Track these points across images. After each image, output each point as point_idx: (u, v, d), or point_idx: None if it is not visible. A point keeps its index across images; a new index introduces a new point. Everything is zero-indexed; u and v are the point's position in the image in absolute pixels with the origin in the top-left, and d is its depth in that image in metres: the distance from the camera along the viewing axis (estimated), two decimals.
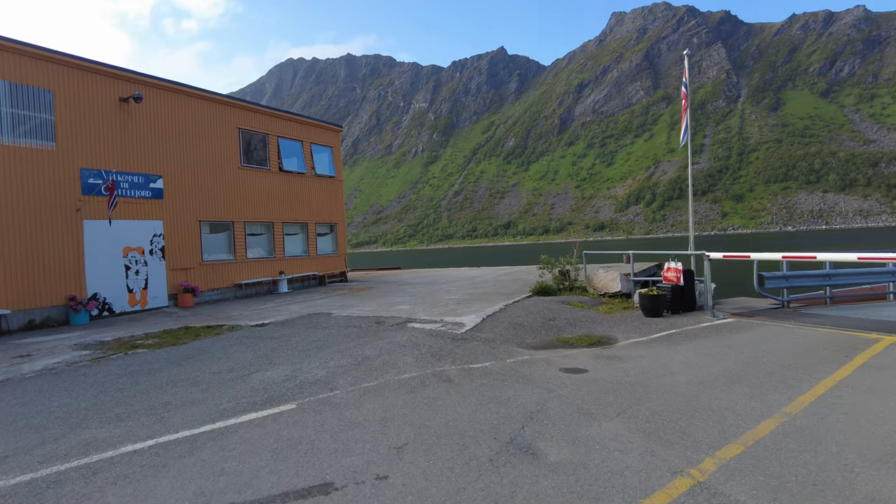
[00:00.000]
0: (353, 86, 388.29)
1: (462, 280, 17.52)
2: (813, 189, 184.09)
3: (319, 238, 19.49)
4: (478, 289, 14.23)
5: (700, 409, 4.75)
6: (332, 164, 20.10)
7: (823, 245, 66.26)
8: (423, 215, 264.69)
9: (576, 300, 11.31)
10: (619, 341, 7.99)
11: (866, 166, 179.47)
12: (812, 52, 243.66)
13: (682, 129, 10.04)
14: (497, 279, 16.85)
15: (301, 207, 18.59)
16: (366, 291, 15.80)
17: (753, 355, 6.61)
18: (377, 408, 5.01)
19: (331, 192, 19.99)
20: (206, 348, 8.32)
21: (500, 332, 8.55)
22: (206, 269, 15.57)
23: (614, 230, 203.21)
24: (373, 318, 10.13)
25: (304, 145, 18.91)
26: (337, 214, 20.26)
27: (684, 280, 9.82)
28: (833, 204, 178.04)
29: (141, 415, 5.18)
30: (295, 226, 18.60)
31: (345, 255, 20.50)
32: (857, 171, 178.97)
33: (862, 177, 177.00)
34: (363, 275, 24.19)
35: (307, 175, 18.94)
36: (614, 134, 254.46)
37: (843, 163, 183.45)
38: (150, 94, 14.18)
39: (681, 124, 10.21)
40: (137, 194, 13.92)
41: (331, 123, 20.23)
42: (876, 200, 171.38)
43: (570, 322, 9.36)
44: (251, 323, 10.53)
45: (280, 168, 17.90)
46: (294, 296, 15.87)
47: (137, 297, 13.80)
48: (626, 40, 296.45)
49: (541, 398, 5.17)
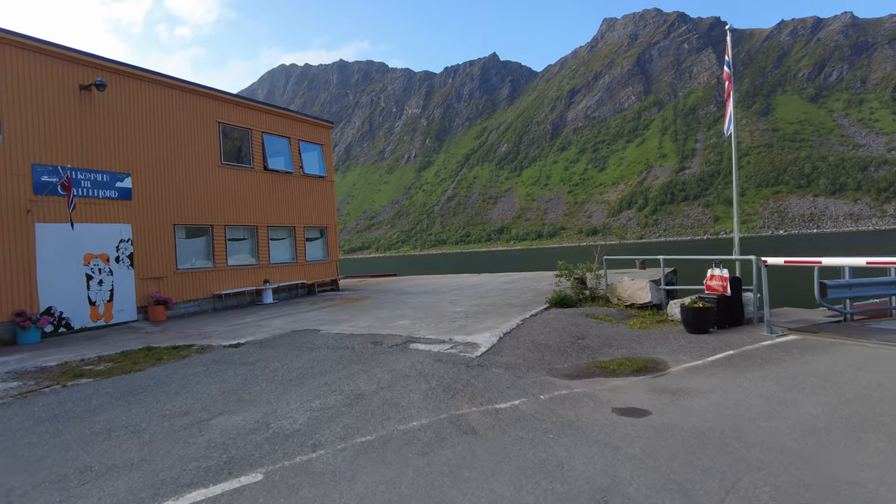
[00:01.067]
0: (346, 91, 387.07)
1: (465, 289, 16.05)
2: (804, 193, 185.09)
3: (308, 243, 17.94)
4: (485, 299, 12.77)
5: (839, 481, 3.31)
6: (322, 163, 18.59)
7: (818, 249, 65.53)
8: (416, 221, 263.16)
9: (601, 313, 9.88)
10: (669, 366, 6.56)
11: (856, 170, 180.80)
12: (801, 57, 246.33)
13: (727, 116, 8.67)
14: (503, 288, 15.40)
15: (288, 210, 17.05)
16: (360, 302, 14.29)
17: (859, 389, 5.20)
18: (378, 482, 3.51)
19: (321, 194, 18.47)
20: (164, 378, 6.77)
21: (522, 355, 7.09)
22: (182, 278, 13.98)
23: (607, 235, 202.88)
24: (368, 336, 8.63)
25: (292, 142, 17.39)
26: (328, 217, 18.73)
27: (731, 289, 8.44)
28: (824, 208, 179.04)
29: (43, 491, 3.65)
30: (281, 230, 17.04)
31: (336, 261, 18.95)
32: (846, 176, 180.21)
33: (852, 181, 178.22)
34: (357, 282, 22.65)
35: (295, 175, 17.42)
36: (606, 139, 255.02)
37: (832, 167, 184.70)
38: (116, 81, 12.63)
39: (725, 111, 8.85)
40: (101, 194, 12.33)
41: (321, 119, 18.75)
42: (866, 204, 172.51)
43: (602, 341, 7.92)
44: (225, 343, 8.98)
45: (265, 167, 16.37)
46: (279, 308, 14.30)
47: (101, 311, 12.18)
48: (617, 46, 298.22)
49: (607, 463, 3.70)
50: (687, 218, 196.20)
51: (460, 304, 12.17)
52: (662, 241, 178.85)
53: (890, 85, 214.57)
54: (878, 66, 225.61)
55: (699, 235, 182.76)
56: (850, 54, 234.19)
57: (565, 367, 6.73)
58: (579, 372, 6.54)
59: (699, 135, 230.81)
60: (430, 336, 8.16)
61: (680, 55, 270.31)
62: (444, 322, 9.51)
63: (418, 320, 9.93)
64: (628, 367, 6.54)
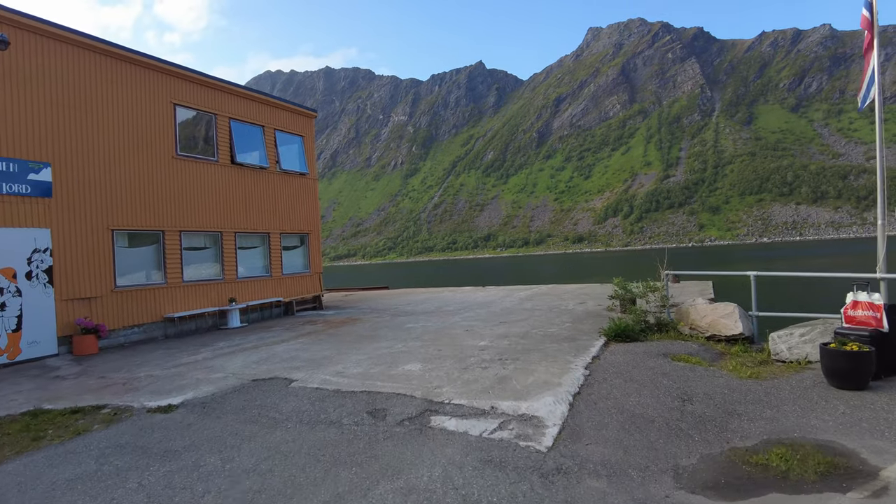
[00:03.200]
0: (332, 98, 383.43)
1: (475, 308, 13.31)
2: (786, 201, 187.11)
3: (286, 253, 15.03)
4: (510, 325, 10.04)
5: None
6: (303, 158, 15.75)
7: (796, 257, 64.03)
8: (402, 228, 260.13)
9: (681, 350, 7.24)
10: (872, 463, 3.91)
11: (836, 179, 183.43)
12: (782, 68, 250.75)
13: (865, 81, 6.17)
14: (524, 308, 12.69)
15: (261, 212, 14.16)
16: (348, 327, 11.43)
17: None
18: None
19: (301, 194, 15.60)
20: (4, 498, 3.90)
21: (619, 442, 4.38)
22: (122, 298, 11.00)
23: (593, 242, 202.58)
24: (363, 396, 5.82)
25: (267, 132, 14.53)
26: (309, 222, 15.85)
27: (888, 323, 5.87)
28: (806, 216, 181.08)
29: None
30: (252, 237, 14.13)
31: (320, 273, 16.04)
32: (827, 184, 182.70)
33: (832, 189, 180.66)
34: (343, 297, 19.73)
35: (270, 171, 14.54)
36: (591, 147, 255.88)
37: (814, 175, 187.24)
38: (28, 41, 9.69)
39: (863, 75, 6.33)
40: (7, 189, 9.35)
41: (303, 107, 15.90)
42: (846, 212, 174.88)
43: (719, 404, 5.25)
44: (152, 402, 6.10)
45: (232, 160, 13.48)
46: (246, 335, 11.37)
47: (3, 344, 9.15)
48: (602, 55, 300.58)
49: None
50: (672, 225, 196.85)
51: (480, 332, 9.41)
52: (648, 248, 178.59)
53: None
54: (856, 77, 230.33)
55: (684, 243, 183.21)
56: (829, 65, 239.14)
57: (697, 466, 4.03)
58: (725, 475, 3.85)
59: (683, 143, 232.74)
60: (458, 400, 5.39)
61: (664, 64, 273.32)
62: (470, 368, 6.75)
63: (432, 363, 7.15)
64: (805, 468, 3.87)
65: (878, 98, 6.30)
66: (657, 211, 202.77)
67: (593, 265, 77.91)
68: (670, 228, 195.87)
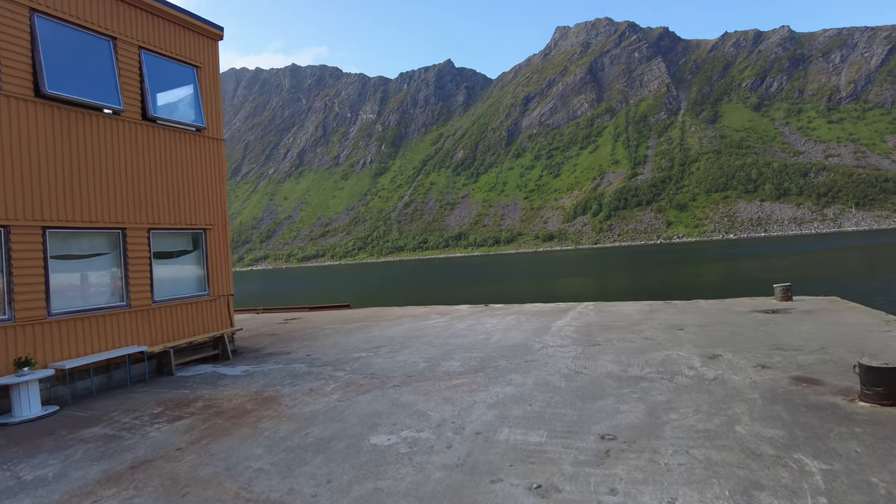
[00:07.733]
0: (299, 96, 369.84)
1: (499, 360, 7.39)
2: (751, 198, 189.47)
3: (160, 265, 8.66)
4: (625, 460, 4.21)
5: None
6: (198, 104, 9.42)
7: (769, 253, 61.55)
8: (372, 227, 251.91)
9: None
10: None
11: (797, 176, 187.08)
12: (744, 67, 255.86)
13: None
14: (604, 368, 6.85)
15: (107, 192, 7.81)
16: (245, 433, 5.33)
17: None
18: None
19: (194, 163, 9.28)
20: None
21: None
22: None
23: (563, 240, 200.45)
24: None
25: (123, 50, 8.19)
26: (208, 211, 9.54)
27: None
28: (770, 212, 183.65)
29: None
30: (85, 237, 7.77)
31: (228, 297, 9.73)
32: (789, 181, 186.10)
33: (794, 186, 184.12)
34: (282, 323, 13.44)
35: (127, 118, 8.21)
36: (560, 146, 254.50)
37: (777, 173, 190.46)
38: None
39: None
40: None
41: (199, 18, 9.57)
42: (808, 209, 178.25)
43: None
44: None
45: (37, 92, 7.11)
46: (31, 449, 5.09)
47: None
48: (570, 54, 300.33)
49: None
50: (640, 223, 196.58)
51: None
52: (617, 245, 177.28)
53: (825, 96, 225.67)
54: (813, 77, 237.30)
55: (652, 240, 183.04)
56: (788, 66, 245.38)
57: None
58: None
59: (650, 141, 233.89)
60: None
61: (631, 63, 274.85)
62: None
63: None
64: None
65: None
66: (625, 209, 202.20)
67: (571, 264, 73.66)
68: (638, 226, 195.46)
